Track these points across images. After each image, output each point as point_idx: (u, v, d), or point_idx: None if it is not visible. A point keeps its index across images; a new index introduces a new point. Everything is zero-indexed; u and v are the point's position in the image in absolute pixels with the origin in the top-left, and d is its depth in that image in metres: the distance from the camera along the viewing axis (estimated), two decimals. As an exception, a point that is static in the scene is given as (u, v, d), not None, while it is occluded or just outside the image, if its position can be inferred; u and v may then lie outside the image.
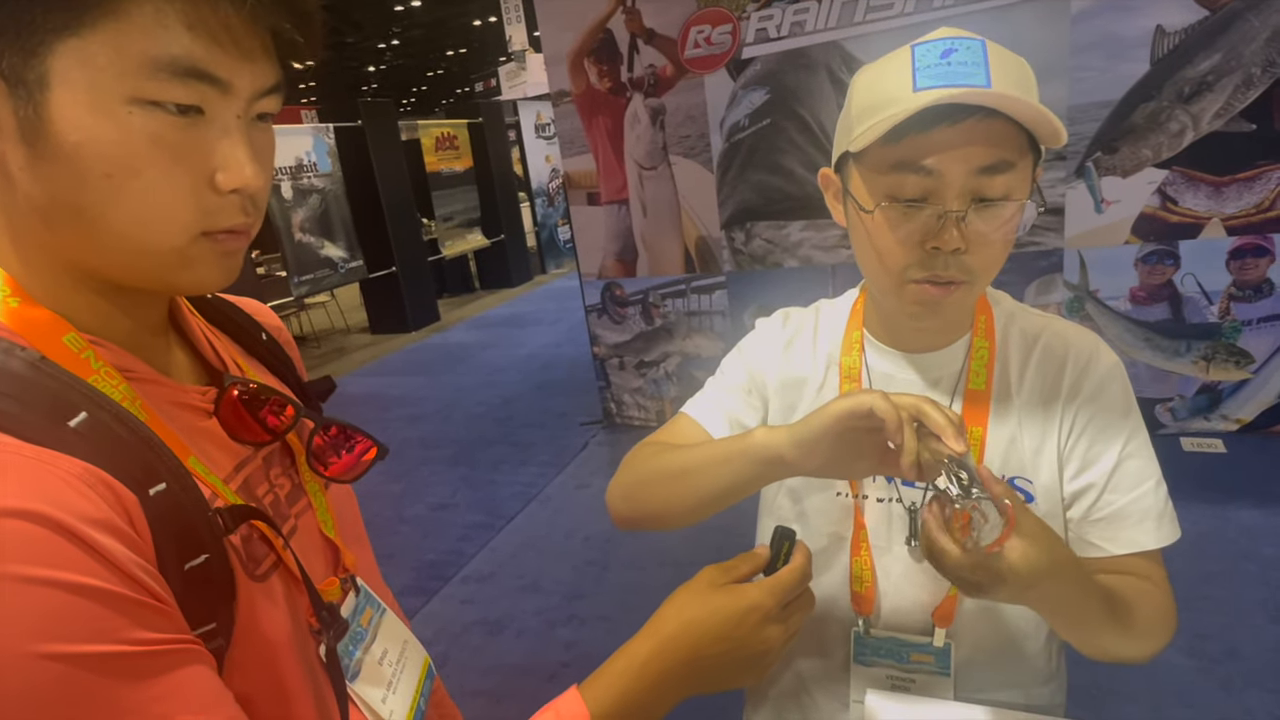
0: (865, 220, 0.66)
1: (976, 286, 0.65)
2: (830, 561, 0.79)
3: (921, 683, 0.76)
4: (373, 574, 0.65)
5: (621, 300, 3.72)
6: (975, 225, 0.61)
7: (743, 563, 0.60)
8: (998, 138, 0.59)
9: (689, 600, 0.57)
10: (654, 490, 0.78)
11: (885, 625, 0.77)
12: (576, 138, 3.56)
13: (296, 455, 0.58)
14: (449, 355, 6.09)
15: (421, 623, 2.52)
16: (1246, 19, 2.49)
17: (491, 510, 3.26)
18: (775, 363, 0.83)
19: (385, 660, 0.58)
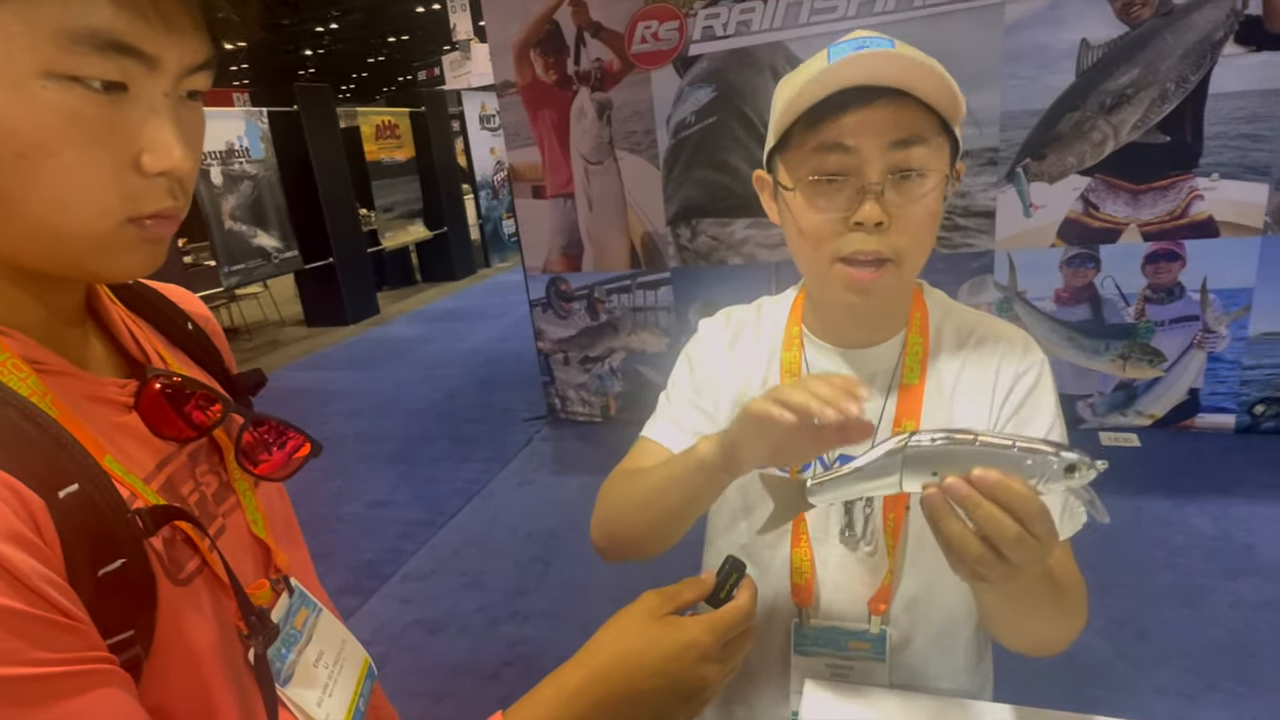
0: (791, 202, 0.68)
1: (904, 268, 0.67)
2: (770, 555, 0.80)
3: (859, 670, 0.78)
4: (308, 574, 0.63)
5: (566, 295, 3.69)
6: (894, 199, 0.64)
7: (686, 589, 0.58)
8: (909, 114, 0.63)
9: (625, 630, 0.55)
10: (625, 521, 0.79)
11: (824, 615, 0.79)
12: (522, 130, 3.52)
13: (225, 452, 0.55)
14: (389, 349, 5.95)
15: (359, 623, 2.46)
16: (1163, 36, 2.63)
17: (432, 507, 3.20)
18: (721, 365, 0.84)
19: (321, 662, 0.56)
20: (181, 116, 0.43)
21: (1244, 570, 2.23)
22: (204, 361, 0.59)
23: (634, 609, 0.57)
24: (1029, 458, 0.50)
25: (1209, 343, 2.93)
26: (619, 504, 0.79)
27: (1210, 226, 2.79)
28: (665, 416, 0.85)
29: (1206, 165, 2.73)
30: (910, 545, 0.75)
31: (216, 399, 0.52)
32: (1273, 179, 2.69)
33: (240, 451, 0.55)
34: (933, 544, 0.74)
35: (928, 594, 0.76)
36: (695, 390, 0.84)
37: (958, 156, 0.67)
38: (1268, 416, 2.95)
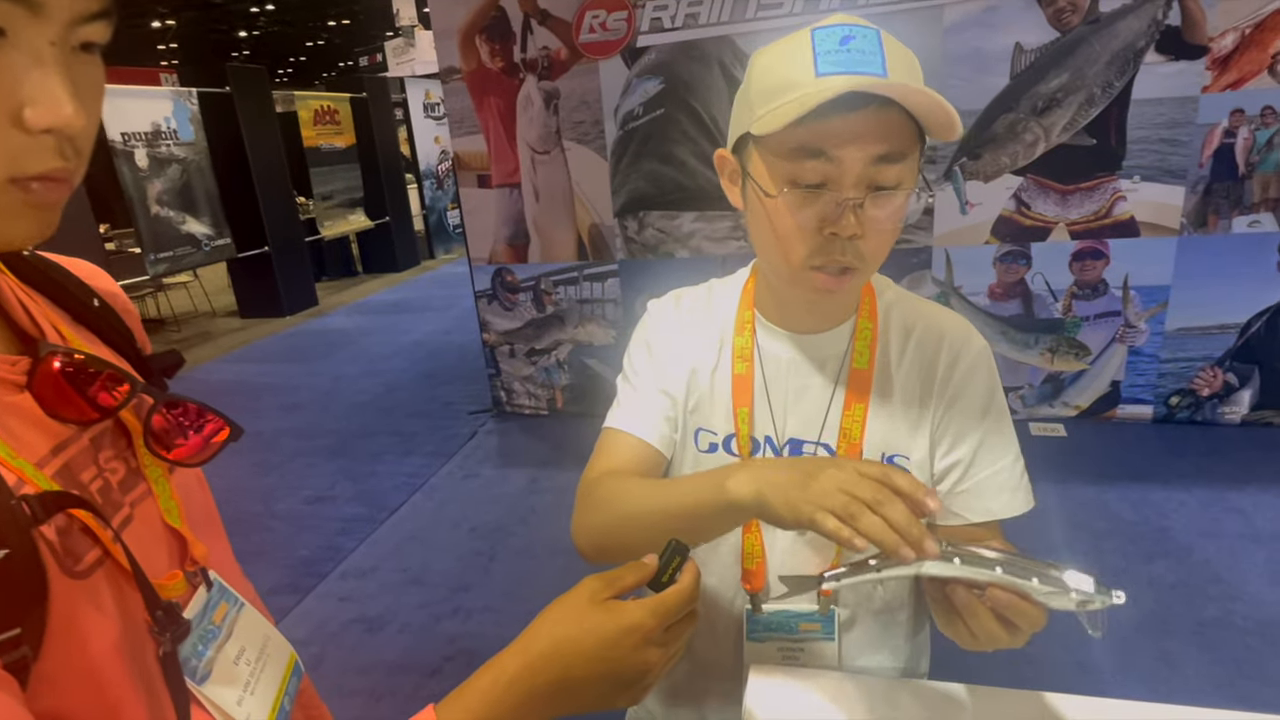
0: (766, 204, 0.67)
1: (866, 272, 0.68)
2: (722, 542, 0.80)
3: (810, 651, 0.79)
4: (229, 566, 0.59)
5: (512, 286, 3.64)
6: (870, 212, 0.64)
7: (628, 573, 0.57)
8: (893, 127, 0.62)
9: (564, 615, 0.54)
10: (627, 535, 0.73)
11: (773, 600, 0.80)
12: (467, 117, 3.45)
13: (134, 436, 0.52)
14: (327, 341, 5.77)
15: (294, 622, 2.38)
16: (1090, 43, 2.74)
17: (372, 502, 3.12)
18: (677, 349, 0.82)
19: (243, 659, 0.53)
20: (74, 70, 0.39)
21: (1159, 553, 2.35)
22: (112, 340, 0.55)
23: (574, 594, 0.55)
24: (1046, 586, 0.55)
25: (1129, 337, 3.08)
26: (619, 517, 0.74)
27: (1132, 226, 2.92)
28: (635, 408, 0.83)
29: (1129, 168, 2.86)
30: None
31: (124, 379, 0.48)
32: (1188, 182, 2.84)
33: (152, 436, 0.51)
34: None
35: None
36: (658, 373, 0.82)
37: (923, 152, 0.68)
38: (1181, 407, 3.12)
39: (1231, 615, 2.06)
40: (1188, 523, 2.49)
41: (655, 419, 0.81)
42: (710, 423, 0.80)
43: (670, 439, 0.81)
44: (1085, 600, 0.53)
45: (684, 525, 0.68)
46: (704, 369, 0.81)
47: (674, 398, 0.81)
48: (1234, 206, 2.83)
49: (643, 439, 0.80)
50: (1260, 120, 2.72)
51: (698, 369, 0.81)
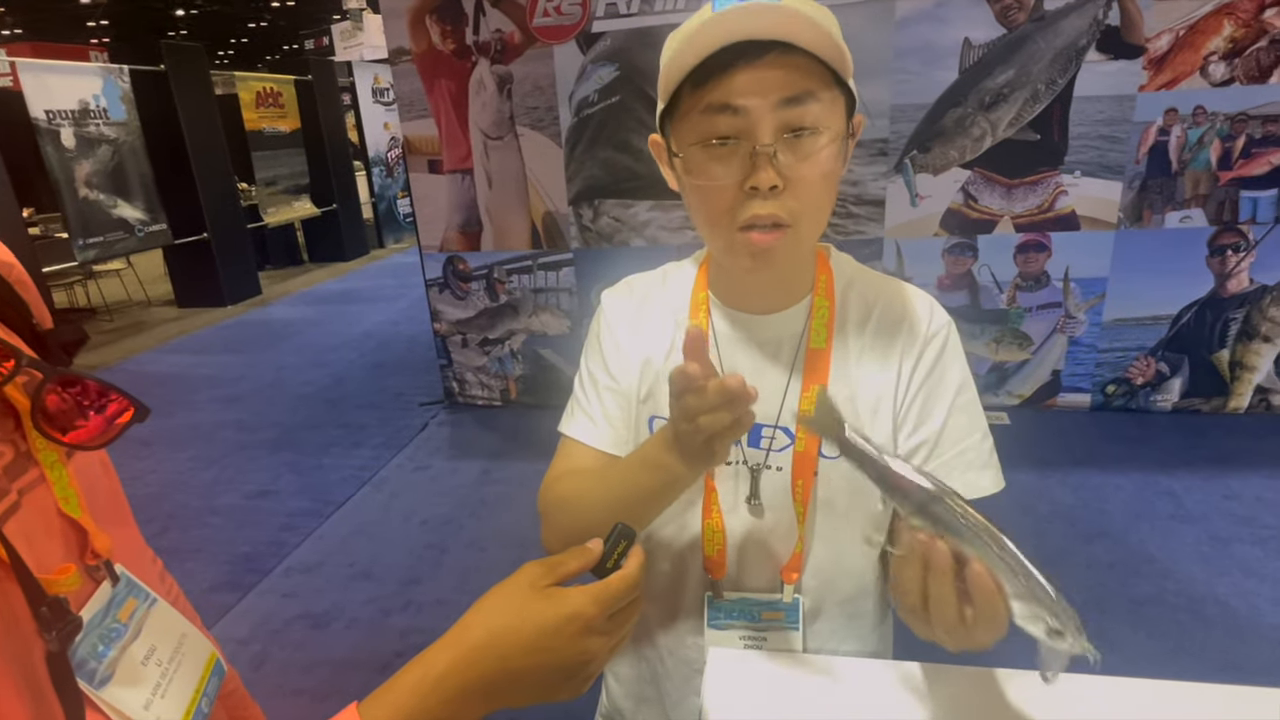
0: (683, 169, 0.66)
1: (803, 231, 0.65)
2: (680, 528, 0.78)
3: (773, 640, 0.78)
4: (140, 559, 0.55)
5: (464, 275, 3.57)
6: (788, 160, 0.62)
7: (571, 559, 0.54)
8: (798, 69, 0.61)
9: (501, 604, 0.51)
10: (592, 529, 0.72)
11: (736, 586, 0.78)
12: (417, 100, 3.36)
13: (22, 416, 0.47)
14: (271, 332, 5.58)
15: (235, 620, 2.29)
16: (1035, 40, 2.81)
17: (319, 496, 3.02)
18: (630, 340, 0.80)
19: (152, 659, 0.49)
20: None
21: (1097, 534, 2.44)
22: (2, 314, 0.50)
23: (512, 581, 0.53)
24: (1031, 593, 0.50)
25: (1069, 328, 3.18)
26: (581, 518, 0.73)
27: (1073, 220, 3.01)
28: (584, 411, 0.81)
29: (1070, 163, 2.94)
30: (817, 513, 0.75)
31: (9, 354, 0.43)
32: (1125, 178, 2.94)
33: (45, 416, 0.46)
34: (842, 509, 0.75)
35: (836, 561, 0.77)
36: (610, 374, 0.80)
37: (854, 111, 0.66)
38: (1117, 395, 3.24)
39: (1164, 593, 2.14)
40: (1123, 505, 2.58)
41: (607, 424, 0.79)
42: (665, 409, 0.77)
43: (622, 439, 0.80)
44: (1057, 634, 0.49)
45: (632, 504, 0.67)
46: (658, 354, 0.79)
47: (625, 393, 0.79)
48: (1167, 202, 2.95)
49: (596, 448, 0.79)
50: (1192, 119, 2.83)
51: (651, 355, 0.79)
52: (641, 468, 0.67)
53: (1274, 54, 2.71)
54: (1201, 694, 0.69)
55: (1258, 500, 2.55)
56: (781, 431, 0.75)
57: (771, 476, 0.75)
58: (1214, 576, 2.20)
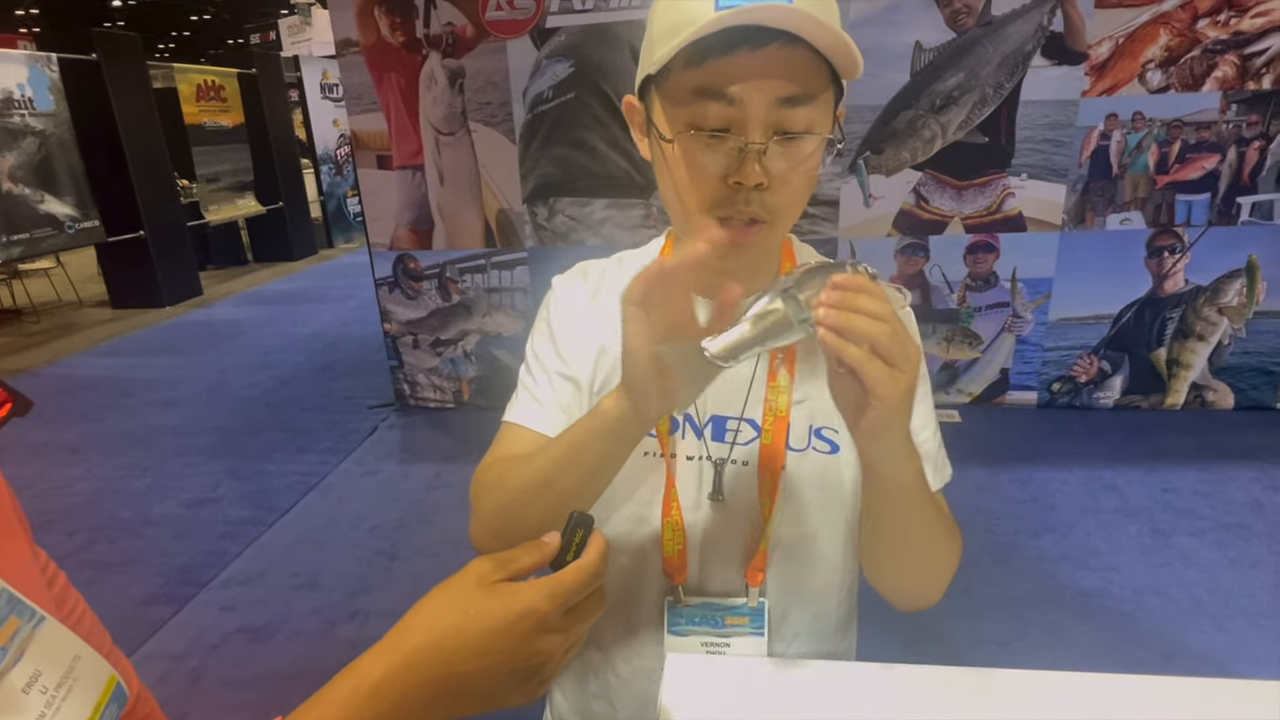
0: (666, 151, 0.62)
1: (778, 226, 0.63)
2: (638, 527, 0.74)
3: (736, 646, 0.74)
4: (26, 573, 0.49)
5: (416, 274, 3.48)
6: (777, 160, 0.59)
7: (525, 554, 0.50)
8: (800, 66, 0.57)
9: (447, 603, 0.47)
10: (522, 511, 0.67)
11: (698, 589, 0.75)
12: (365, 93, 3.26)
13: None
14: (213, 333, 5.37)
15: (169, 636, 2.17)
16: (984, 45, 2.87)
17: (261, 503, 2.90)
18: (585, 326, 0.76)
19: (36, 685, 0.43)
20: None
21: (1045, 529, 2.49)
22: None
23: (458, 578, 0.48)
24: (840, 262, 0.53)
25: (1017, 327, 3.25)
26: (510, 493, 0.67)
27: (1020, 222, 3.08)
28: (530, 395, 0.75)
29: (1017, 166, 3.01)
30: (784, 510, 0.72)
31: None
32: (1069, 181, 3.02)
33: None
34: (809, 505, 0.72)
35: (803, 560, 0.74)
36: (562, 359, 0.75)
37: (840, 102, 0.64)
38: (1062, 393, 3.32)
39: (1110, 585, 2.20)
40: (1070, 500, 2.64)
41: (558, 410, 0.74)
42: None
43: None
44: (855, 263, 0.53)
45: (572, 468, 0.63)
46: (613, 342, 0.75)
47: (578, 382, 0.75)
48: (1108, 205, 3.04)
49: (542, 433, 0.74)
50: (1131, 125, 2.93)
51: (606, 344, 0.75)
52: (583, 424, 0.62)
53: (1206, 63, 2.82)
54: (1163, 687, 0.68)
55: (1195, 493, 2.64)
56: (747, 424, 0.72)
57: (735, 471, 0.72)
58: (1156, 568, 2.26)
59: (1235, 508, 2.54)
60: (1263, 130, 2.87)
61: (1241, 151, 2.91)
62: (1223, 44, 2.79)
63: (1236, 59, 2.80)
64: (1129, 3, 2.78)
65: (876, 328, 0.49)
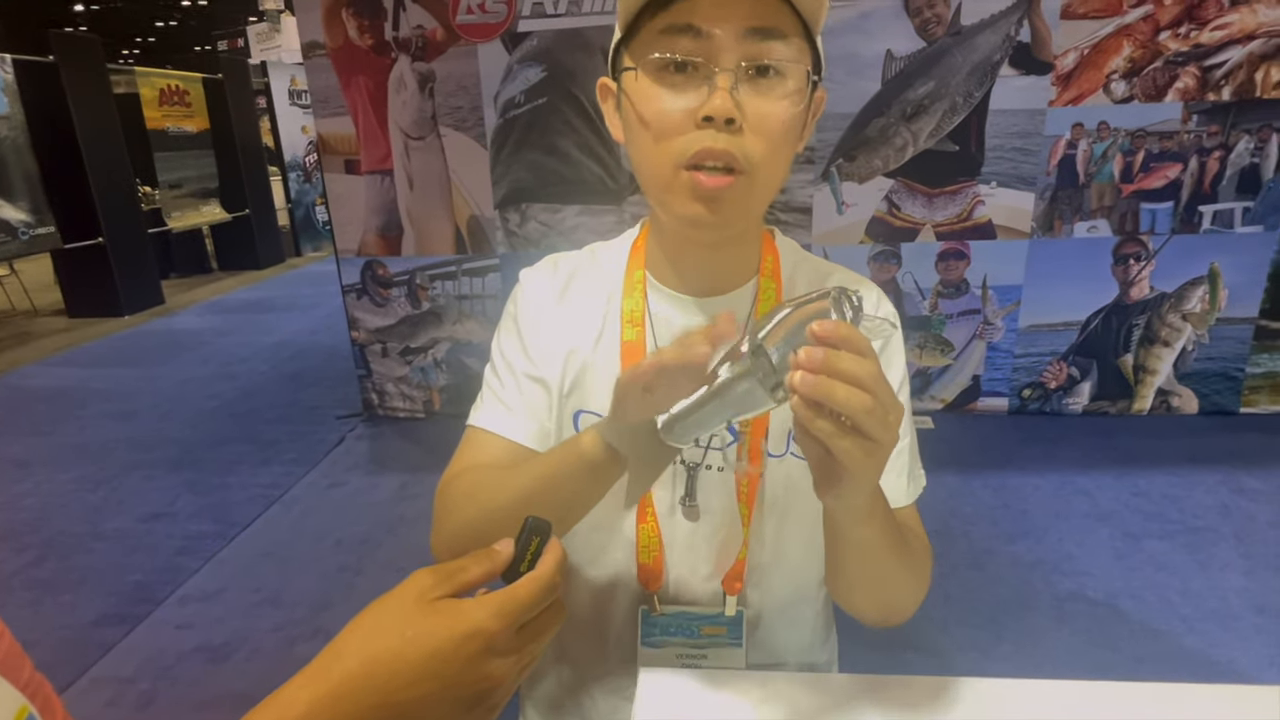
0: (632, 90, 0.60)
1: (756, 181, 0.59)
2: (611, 537, 0.71)
3: (714, 657, 0.71)
4: None
5: (384, 280, 3.41)
6: (749, 97, 0.57)
7: (473, 564, 0.45)
8: (768, 5, 0.57)
9: (382, 624, 0.43)
10: (489, 538, 0.63)
11: (673, 599, 0.71)
12: (332, 97, 3.19)
13: None
14: (174, 343, 5.22)
15: (120, 657, 2.07)
16: (953, 53, 2.90)
17: (221, 518, 2.80)
18: (553, 322, 0.72)
19: None
20: None
21: (1019, 534, 2.49)
22: None
23: (395, 595, 0.43)
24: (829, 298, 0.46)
25: (988, 334, 3.27)
26: (478, 514, 0.64)
27: (989, 229, 3.11)
28: (497, 398, 0.72)
29: (987, 174, 3.04)
30: (763, 516, 0.69)
31: None
32: (1037, 189, 3.05)
33: None
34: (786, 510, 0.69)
35: (781, 568, 0.71)
36: (529, 358, 0.72)
37: (820, 72, 0.62)
38: (1033, 399, 3.35)
39: (1084, 589, 2.20)
40: (1042, 505, 2.65)
41: (526, 414, 0.71)
42: (593, 403, 0.70)
43: (544, 433, 0.71)
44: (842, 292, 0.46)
45: (547, 500, 0.59)
46: (585, 341, 0.71)
47: (547, 383, 0.71)
48: (1075, 213, 3.08)
49: (510, 439, 0.70)
50: (1097, 134, 2.97)
51: (577, 342, 0.71)
52: (559, 458, 0.59)
53: (1168, 74, 2.88)
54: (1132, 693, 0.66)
55: (1164, 497, 2.66)
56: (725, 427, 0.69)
57: (710, 476, 0.68)
58: (1128, 571, 2.27)
59: (1203, 511, 2.56)
60: (1222, 140, 2.94)
61: (1203, 161, 2.97)
62: (1183, 56, 2.85)
63: (1197, 71, 2.86)
64: (1093, 14, 2.83)
65: (856, 400, 0.43)
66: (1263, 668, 1.87)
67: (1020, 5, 2.82)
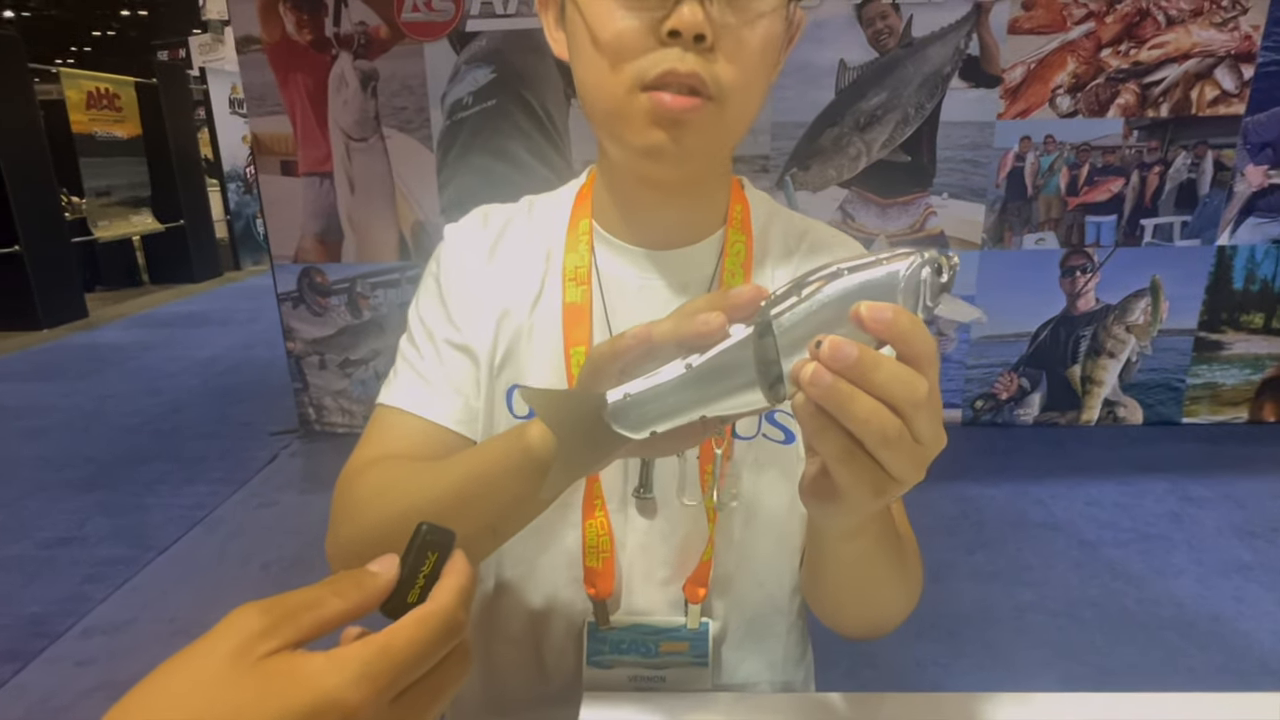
0: (584, 5, 0.50)
1: (728, 110, 0.50)
2: (550, 536, 0.60)
3: (674, 679, 0.60)
4: None
5: (323, 289, 3.24)
6: (722, 11, 0.48)
7: (332, 594, 0.31)
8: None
9: (177, 695, 0.28)
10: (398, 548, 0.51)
11: (625, 610, 0.61)
12: (268, 94, 3.04)
13: None
14: (96, 357, 4.90)
15: (6, 699, 1.85)
16: (905, 65, 2.91)
17: (137, 541, 2.57)
18: (483, 282, 0.62)
19: None
20: None
21: (978, 545, 2.46)
22: None
23: (205, 646, 0.29)
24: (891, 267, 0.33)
25: (941, 345, 3.27)
26: (389, 519, 0.53)
27: (942, 240, 3.12)
28: (413, 371, 0.61)
29: (939, 185, 3.05)
30: (730, 509, 0.60)
31: None
32: (987, 201, 3.08)
33: None
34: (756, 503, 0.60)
35: (753, 573, 0.61)
36: (454, 324, 0.61)
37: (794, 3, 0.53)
38: (985, 411, 3.36)
39: (1044, 599, 2.16)
40: (998, 515, 2.63)
41: (449, 389, 0.60)
42: (529, 376, 0.60)
43: (471, 414, 0.61)
44: (936, 264, 0.34)
45: (480, 504, 0.48)
46: (521, 303, 0.61)
47: (474, 352, 0.61)
48: (1024, 224, 3.11)
49: (430, 420, 0.59)
50: (1044, 147, 3.02)
51: (512, 305, 0.61)
52: (498, 452, 0.48)
53: (1110, 91, 2.94)
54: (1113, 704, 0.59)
55: (1116, 506, 2.67)
56: None
57: (671, 464, 0.59)
58: (1086, 580, 2.25)
59: (1154, 519, 2.58)
60: (1162, 156, 3.01)
61: (1143, 176, 3.03)
62: (1124, 73, 2.92)
63: (1137, 87, 2.93)
64: (1039, 30, 2.88)
65: (878, 423, 0.32)
66: (1219, 675, 1.85)
67: (969, 19, 2.86)
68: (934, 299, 0.34)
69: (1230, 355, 3.26)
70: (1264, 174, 3.03)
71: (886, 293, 0.33)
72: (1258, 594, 2.15)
